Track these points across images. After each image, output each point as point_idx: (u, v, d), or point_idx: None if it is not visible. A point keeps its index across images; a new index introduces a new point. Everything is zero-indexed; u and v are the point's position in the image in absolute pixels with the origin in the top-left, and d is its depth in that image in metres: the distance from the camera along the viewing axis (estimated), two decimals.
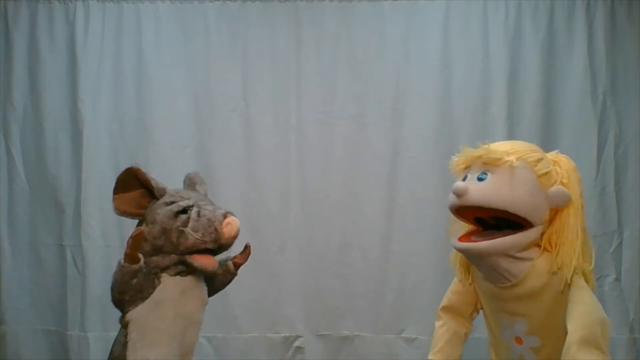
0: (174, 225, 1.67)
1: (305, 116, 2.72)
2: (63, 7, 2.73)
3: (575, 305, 1.57)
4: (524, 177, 1.60)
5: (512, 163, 1.59)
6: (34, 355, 2.68)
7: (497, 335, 1.79)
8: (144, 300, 1.67)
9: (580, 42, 2.65)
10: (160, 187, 1.75)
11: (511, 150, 1.64)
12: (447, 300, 1.87)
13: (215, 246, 1.68)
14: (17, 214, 2.73)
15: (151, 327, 1.68)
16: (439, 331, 1.84)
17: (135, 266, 1.64)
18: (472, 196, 1.59)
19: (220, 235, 1.66)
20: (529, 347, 1.69)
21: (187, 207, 1.69)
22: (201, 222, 1.66)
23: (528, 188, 1.60)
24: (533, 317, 1.65)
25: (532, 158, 1.63)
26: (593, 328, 1.53)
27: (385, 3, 2.71)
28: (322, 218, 2.69)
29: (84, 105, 2.69)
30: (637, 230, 2.61)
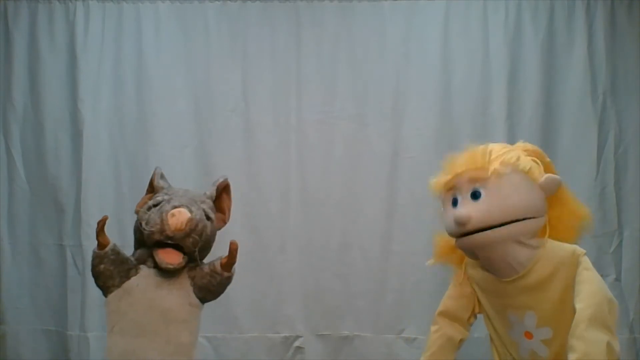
0: (142, 217, 1.77)
1: (305, 116, 2.72)
2: (63, 7, 2.73)
3: (583, 285, 1.57)
4: (516, 181, 1.59)
5: (500, 172, 1.58)
6: (34, 355, 2.68)
7: (503, 335, 1.76)
8: (117, 287, 1.74)
9: (580, 42, 2.65)
10: (160, 185, 1.82)
11: (490, 157, 1.61)
12: (443, 305, 1.84)
13: (162, 237, 1.71)
14: (17, 214, 2.73)
15: (122, 315, 1.73)
16: (433, 336, 1.82)
17: (101, 252, 1.73)
18: (476, 221, 1.56)
19: (165, 226, 1.70)
20: (540, 340, 1.67)
21: (159, 202, 1.76)
22: (153, 215, 1.73)
23: (523, 190, 1.60)
24: (543, 308, 1.63)
25: (512, 158, 1.61)
26: (601, 307, 1.53)
27: (385, 3, 2.71)
28: (322, 218, 2.69)
29: (84, 105, 2.69)
30: (637, 230, 2.62)
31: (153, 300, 1.74)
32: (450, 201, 1.65)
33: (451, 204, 1.65)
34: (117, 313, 1.74)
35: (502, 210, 1.57)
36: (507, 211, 1.57)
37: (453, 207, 1.64)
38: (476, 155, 1.64)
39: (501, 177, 1.58)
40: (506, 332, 1.74)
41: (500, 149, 1.66)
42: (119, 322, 1.73)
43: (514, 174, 1.60)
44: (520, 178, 1.60)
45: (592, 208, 2.54)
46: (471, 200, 1.59)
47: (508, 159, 1.61)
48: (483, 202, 1.58)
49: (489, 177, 1.57)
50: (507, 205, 1.57)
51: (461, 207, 1.60)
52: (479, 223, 1.57)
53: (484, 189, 1.58)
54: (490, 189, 1.58)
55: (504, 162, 1.60)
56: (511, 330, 1.72)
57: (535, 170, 1.62)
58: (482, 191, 1.58)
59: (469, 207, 1.58)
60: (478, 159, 1.62)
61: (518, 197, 1.58)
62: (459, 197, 1.62)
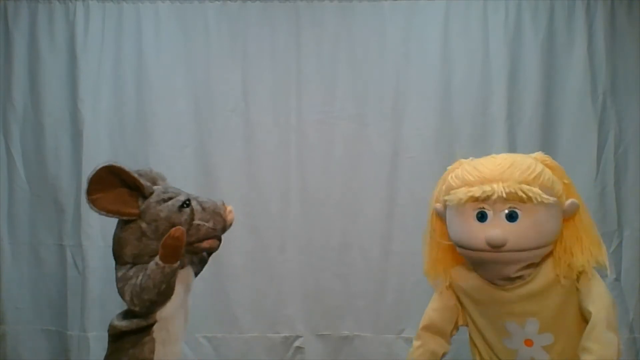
0: (182, 219, 1.68)
1: (305, 116, 2.72)
2: (63, 7, 2.73)
3: (592, 287, 1.59)
4: (553, 208, 1.55)
5: (546, 200, 1.51)
6: (34, 355, 2.68)
7: (496, 344, 1.73)
8: (170, 297, 1.67)
9: (580, 42, 2.65)
10: (148, 184, 1.73)
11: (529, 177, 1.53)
12: (428, 318, 1.80)
13: (222, 233, 1.75)
14: (17, 214, 2.73)
15: (176, 322, 1.71)
16: (416, 352, 1.80)
17: (177, 265, 1.64)
18: (512, 244, 1.51)
19: (226, 223, 1.74)
20: (540, 347, 1.66)
21: (185, 201, 1.72)
22: (208, 213, 1.71)
23: (556, 216, 1.57)
24: (545, 314, 1.63)
25: (549, 180, 1.56)
26: (610, 309, 1.56)
27: (385, 3, 2.71)
28: (322, 218, 2.69)
29: (84, 105, 2.69)
30: (637, 230, 2.62)
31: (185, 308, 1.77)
32: (475, 214, 1.56)
33: (475, 217, 1.56)
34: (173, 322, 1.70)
35: (537, 237, 1.54)
36: (540, 238, 1.55)
37: (479, 220, 1.55)
38: (514, 170, 1.55)
39: (543, 203, 1.51)
40: (501, 341, 1.71)
41: (535, 166, 1.57)
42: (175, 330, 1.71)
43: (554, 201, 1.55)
44: (555, 205, 1.56)
45: (592, 208, 2.55)
46: (505, 220, 1.52)
47: (545, 181, 1.55)
48: (519, 226, 1.52)
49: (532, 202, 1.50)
50: (543, 232, 1.55)
51: (494, 226, 1.53)
52: (513, 247, 1.52)
53: (521, 212, 1.52)
54: (529, 212, 1.52)
55: (544, 184, 1.54)
56: (508, 340, 1.70)
57: (564, 194, 1.60)
58: (519, 213, 1.52)
59: (504, 228, 1.52)
60: (517, 176, 1.53)
61: (552, 224, 1.56)
62: (489, 213, 1.54)
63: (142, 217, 1.70)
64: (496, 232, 1.51)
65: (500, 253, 1.53)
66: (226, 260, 2.59)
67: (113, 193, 1.68)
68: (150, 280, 1.62)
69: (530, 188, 1.51)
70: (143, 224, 1.69)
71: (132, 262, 1.70)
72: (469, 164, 1.66)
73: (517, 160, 1.59)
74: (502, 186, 1.51)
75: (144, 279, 1.63)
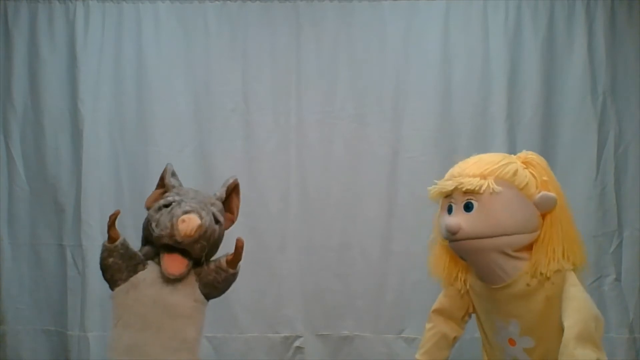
0: (152, 216, 1.77)
1: (305, 116, 2.72)
2: (63, 7, 2.73)
3: (570, 301, 1.58)
4: (509, 197, 1.61)
5: (493, 189, 1.59)
6: (34, 355, 2.68)
7: (490, 338, 1.79)
8: (124, 281, 1.76)
9: (580, 42, 2.65)
10: (172, 184, 1.85)
11: (485, 171, 1.63)
12: (439, 303, 1.88)
13: (172, 242, 1.72)
14: (17, 214, 2.72)
15: (127, 308, 1.74)
16: (427, 333, 1.86)
17: (111, 245, 1.75)
18: (466, 231, 1.61)
19: (175, 231, 1.70)
20: (522, 349, 1.69)
21: (170, 202, 1.76)
22: (164, 217, 1.73)
23: (515, 206, 1.61)
24: (526, 317, 1.65)
25: (508, 173, 1.62)
26: (588, 324, 1.54)
27: (385, 3, 2.71)
28: (322, 218, 2.69)
29: (84, 105, 2.69)
30: (637, 230, 2.61)
31: (159, 295, 1.75)
32: (447, 207, 1.68)
33: (447, 210, 1.68)
34: (122, 307, 1.75)
35: (489, 225, 1.61)
36: (493, 226, 1.60)
37: (448, 213, 1.67)
38: (473, 166, 1.66)
39: (493, 193, 1.60)
40: (493, 335, 1.77)
41: (499, 160, 1.66)
42: (124, 315, 1.74)
43: (508, 189, 1.61)
44: (514, 194, 1.61)
45: (592, 208, 2.58)
46: (463, 210, 1.63)
47: (504, 174, 1.62)
48: (473, 215, 1.61)
49: (482, 192, 1.60)
50: (495, 221, 1.60)
51: (454, 216, 1.64)
52: (466, 234, 1.61)
53: (476, 202, 1.61)
54: (482, 203, 1.61)
55: (499, 177, 1.62)
56: (497, 335, 1.75)
57: (532, 187, 1.63)
58: (474, 204, 1.62)
59: (460, 217, 1.63)
60: (474, 171, 1.64)
61: (507, 214, 1.61)
62: (454, 206, 1.66)
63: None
64: (450, 220, 1.64)
65: (459, 242, 1.64)
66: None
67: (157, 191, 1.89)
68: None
69: (473, 181, 1.61)
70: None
71: None
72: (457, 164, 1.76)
73: (485, 158, 1.70)
74: (454, 180, 1.66)
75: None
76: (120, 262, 1.76)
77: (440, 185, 1.69)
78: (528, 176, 1.64)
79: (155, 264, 1.79)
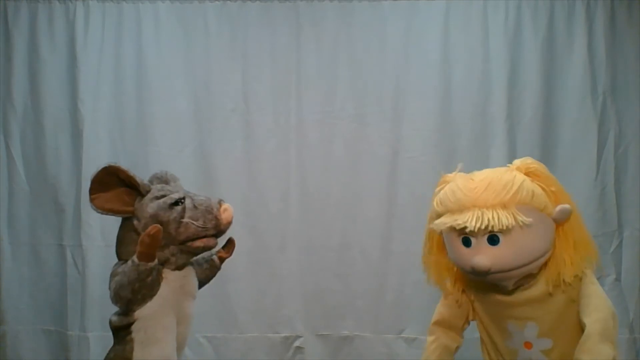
0: (170, 217, 1.67)
1: (305, 116, 2.72)
2: (63, 7, 2.73)
3: (590, 298, 1.58)
4: (535, 223, 1.54)
5: (524, 222, 1.50)
6: (34, 355, 2.68)
7: (499, 343, 1.76)
8: (152, 297, 1.67)
9: (580, 42, 2.65)
10: (146, 183, 1.76)
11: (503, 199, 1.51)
12: (439, 314, 1.83)
13: (216, 232, 1.71)
14: (17, 214, 2.73)
15: (157, 324, 1.68)
16: (431, 346, 1.81)
17: (152, 264, 1.63)
18: (497, 267, 1.53)
19: (219, 222, 1.69)
20: (539, 350, 1.67)
21: (179, 199, 1.71)
22: (199, 211, 1.69)
23: (542, 230, 1.57)
24: (545, 319, 1.64)
25: (528, 196, 1.54)
26: (608, 321, 1.55)
27: (385, 3, 2.71)
28: (322, 218, 2.69)
29: (84, 105, 2.69)
30: (637, 230, 2.62)
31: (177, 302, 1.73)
32: (460, 240, 1.58)
33: (461, 242, 1.58)
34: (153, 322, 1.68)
35: (521, 257, 1.54)
36: (525, 257, 1.55)
37: (465, 246, 1.57)
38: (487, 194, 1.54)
39: (524, 226, 1.51)
40: (503, 341, 1.74)
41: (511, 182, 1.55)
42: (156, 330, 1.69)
43: (533, 214, 1.53)
44: (538, 218, 1.54)
45: (592, 208, 2.58)
46: (488, 244, 1.53)
47: (523, 199, 1.53)
48: (502, 250, 1.53)
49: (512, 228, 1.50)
50: (526, 251, 1.55)
51: (477, 251, 1.54)
52: (498, 270, 1.54)
53: (502, 235, 1.52)
54: (511, 236, 1.52)
55: (521, 203, 1.52)
56: (509, 340, 1.72)
57: (549, 205, 1.58)
58: (500, 237, 1.52)
59: (487, 254, 1.53)
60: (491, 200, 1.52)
61: (537, 242, 1.56)
62: (473, 240, 1.55)
63: (135, 214, 1.72)
64: (479, 260, 1.53)
65: (488, 276, 1.57)
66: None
67: (112, 192, 1.71)
68: (125, 278, 1.63)
69: (502, 218, 1.50)
70: (135, 221, 1.71)
71: (125, 259, 1.70)
72: (450, 186, 1.64)
73: (493, 181, 1.56)
74: (476, 217, 1.51)
75: (121, 276, 1.64)
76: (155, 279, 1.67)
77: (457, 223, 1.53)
78: (542, 193, 1.58)
79: (169, 270, 1.72)
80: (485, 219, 1.50)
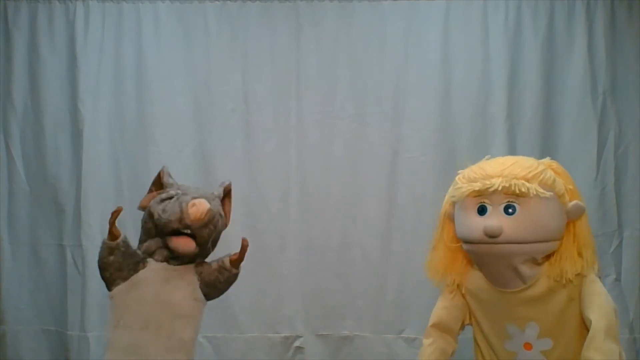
0: (156, 209, 1.75)
1: (305, 116, 2.72)
2: (63, 7, 2.73)
3: (594, 296, 1.61)
4: (550, 203, 1.59)
5: (542, 194, 1.56)
6: (34, 355, 2.68)
7: (497, 346, 1.76)
8: (124, 280, 1.74)
9: (580, 42, 2.65)
10: (169, 182, 1.85)
11: (528, 174, 1.59)
12: (436, 317, 1.84)
13: (181, 226, 1.72)
14: (17, 214, 2.73)
15: (128, 308, 1.74)
16: (427, 349, 1.81)
17: (112, 243, 1.73)
18: (508, 234, 1.56)
19: (184, 215, 1.71)
20: (539, 351, 1.68)
21: (173, 195, 1.77)
22: (171, 205, 1.74)
23: (556, 213, 1.61)
24: (545, 319, 1.65)
25: (550, 179, 1.60)
26: (611, 318, 1.58)
27: (385, 3, 2.71)
28: (322, 218, 2.69)
29: (84, 105, 2.69)
30: (637, 230, 2.62)
31: (160, 295, 1.75)
32: (476, 208, 1.63)
33: (476, 211, 1.62)
34: (123, 307, 1.74)
35: (533, 230, 1.58)
36: (537, 232, 1.58)
37: (479, 214, 1.62)
38: (514, 167, 1.61)
39: (541, 198, 1.56)
40: (502, 343, 1.74)
41: (537, 166, 1.63)
42: (125, 315, 1.74)
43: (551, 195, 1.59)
44: (554, 201, 1.60)
45: (592, 208, 2.57)
46: (503, 213, 1.58)
47: (546, 179, 1.60)
48: (516, 219, 1.57)
49: (528, 195, 1.56)
50: (539, 226, 1.58)
51: (492, 217, 1.59)
52: (509, 238, 1.57)
53: (519, 205, 1.57)
54: (527, 207, 1.57)
55: (543, 182, 1.59)
56: (509, 343, 1.72)
57: (566, 195, 1.63)
58: (517, 207, 1.57)
59: (502, 220, 1.58)
60: (518, 173, 1.59)
61: (549, 220, 1.60)
62: (489, 207, 1.61)
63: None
64: (493, 222, 1.57)
65: (497, 245, 1.58)
66: None
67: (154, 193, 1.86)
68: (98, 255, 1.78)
69: (525, 183, 1.56)
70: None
71: None
72: (476, 165, 1.71)
73: (520, 160, 1.66)
74: (501, 180, 1.58)
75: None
76: (121, 260, 1.74)
77: (484, 183, 1.60)
78: (562, 183, 1.63)
79: (155, 262, 1.78)
80: (510, 183, 1.56)
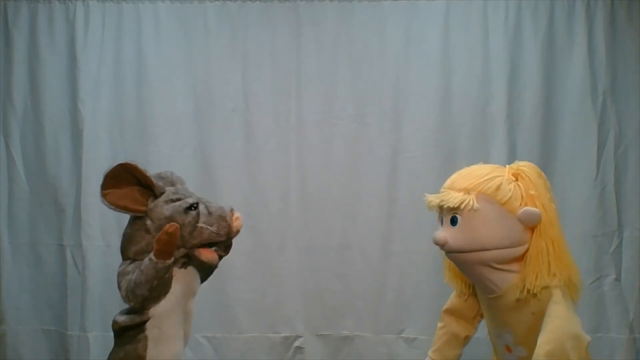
0: (185, 220, 1.72)
1: (305, 116, 2.72)
2: (63, 7, 2.72)
3: (549, 319, 1.58)
4: (490, 212, 1.62)
5: (472, 206, 1.61)
6: (34, 355, 2.68)
7: (494, 342, 1.83)
8: (166, 295, 1.72)
9: (580, 42, 2.64)
10: (160, 184, 1.80)
11: (469, 185, 1.64)
12: (450, 303, 1.93)
13: (227, 238, 1.78)
14: (17, 214, 2.72)
15: (170, 321, 1.73)
16: (439, 332, 1.92)
17: (170, 261, 1.68)
18: (450, 244, 1.66)
19: (231, 229, 1.76)
20: (517, 357, 1.72)
21: (193, 204, 1.75)
22: (214, 217, 1.75)
23: (495, 222, 1.62)
24: (518, 328, 1.68)
25: (491, 188, 1.62)
26: (562, 343, 1.52)
27: (385, 3, 2.71)
28: (322, 218, 2.69)
29: (84, 105, 2.68)
30: (637, 230, 2.61)
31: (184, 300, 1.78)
32: (440, 219, 1.73)
33: (440, 221, 1.72)
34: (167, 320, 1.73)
35: (469, 241, 1.63)
36: (473, 242, 1.63)
37: (440, 225, 1.72)
38: (462, 180, 1.68)
39: (472, 210, 1.61)
40: (495, 340, 1.81)
41: (486, 174, 1.66)
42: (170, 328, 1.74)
43: (489, 205, 1.62)
44: (494, 210, 1.62)
45: (592, 208, 2.58)
46: (450, 224, 1.67)
47: (486, 189, 1.62)
48: (457, 229, 1.65)
49: (463, 209, 1.62)
50: (474, 237, 1.63)
51: (441, 229, 1.69)
52: (452, 247, 1.66)
53: (460, 216, 1.65)
54: (465, 218, 1.64)
55: (481, 192, 1.63)
56: (498, 340, 1.78)
57: (514, 202, 1.62)
58: (458, 218, 1.65)
59: (447, 231, 1.67)
60: (461, 185, 1.66)
61: (486, 230, 1.62)
62: (444, 218, 1.70)
63: (149, 214, 1.75)
64: (437, 233, 1.68)
65: (450, 254, 1.70)
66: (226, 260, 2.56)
67: (125, 190, 1.75)
68: (143, 276, 1.66)
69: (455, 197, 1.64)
70: (148, 222, 1.74)
71: (133, 258, 1.74)
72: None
73: (475, 171, 1.70)
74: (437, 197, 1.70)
75: (138, 274, 1.67)
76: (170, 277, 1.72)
77: (428, 200, 1.74)
78: (512, 190, 1.63)
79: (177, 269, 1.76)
80: (443, 198, 1.67)
